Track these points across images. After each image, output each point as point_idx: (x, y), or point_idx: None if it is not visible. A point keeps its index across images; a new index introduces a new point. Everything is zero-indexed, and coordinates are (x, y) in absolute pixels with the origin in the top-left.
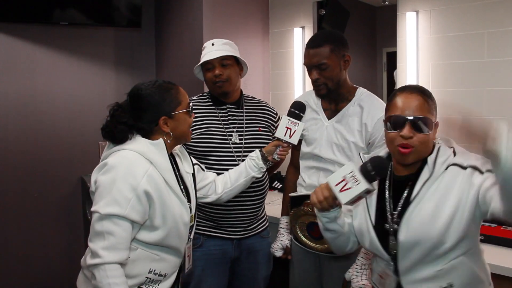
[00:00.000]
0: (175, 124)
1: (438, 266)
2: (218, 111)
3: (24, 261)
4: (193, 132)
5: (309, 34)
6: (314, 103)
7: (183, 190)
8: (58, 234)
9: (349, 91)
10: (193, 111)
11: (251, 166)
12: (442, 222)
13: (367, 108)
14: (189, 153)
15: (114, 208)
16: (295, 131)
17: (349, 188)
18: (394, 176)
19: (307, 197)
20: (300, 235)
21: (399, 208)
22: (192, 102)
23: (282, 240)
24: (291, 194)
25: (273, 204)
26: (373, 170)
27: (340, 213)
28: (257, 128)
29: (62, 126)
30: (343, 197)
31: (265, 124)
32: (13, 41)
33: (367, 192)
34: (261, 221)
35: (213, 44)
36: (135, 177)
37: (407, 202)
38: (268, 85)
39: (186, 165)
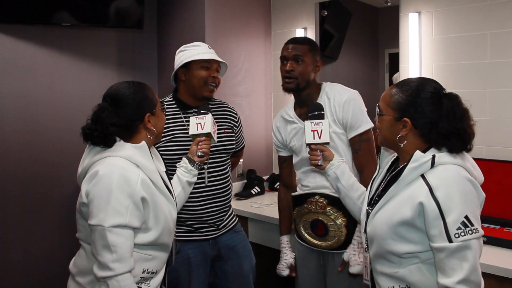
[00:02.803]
0: (156, 121)
1: (394, 268)
2: (184, 116)
3: (25, 261)
4: (162, 139)
5: (311, 35)
6: (289, 116)
7: (167, 187)
8: (59, 234)
9: (316, 89)
10: None
11: (182, 173)
12: (390, 227)
13: (331, 96)
14: None
15: (116, 218)
16: (322, 130)
17: (321, 130)
18: (396, 167)
19: (310, 195)
20: (304, 233)
21: (376, 198)
22: None
23: (286, 259)
24: (294, 194)
25: (275, 206)
26: (315, 111)
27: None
28: (222, 131)
29: (63, 127)
30: (325, 138)
31: (229, 125)
32: (15, 42)
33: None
34: (230, 217)
35: (209, 48)
36: (130, 185)
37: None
38: (270, 86)
39: (159, 164)
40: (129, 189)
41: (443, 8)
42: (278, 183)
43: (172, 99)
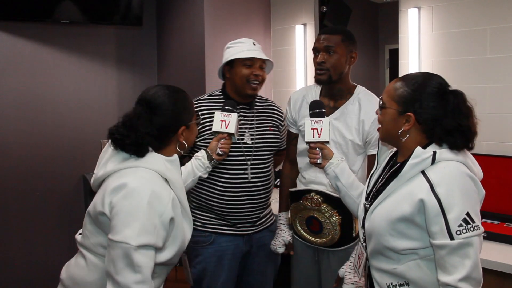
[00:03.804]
0: (188, 134)
1: (393, 265)
2: None
3: (26, 259)
4: (205, 133)
5: (310, 31)
6: (312, 99)
7: None
8: (59, 232)
9: (348, 89)
10: (205, 111)
11: (197, 167)
12: (388, 223)
13: (364, 107)
14: None
15: (146, 237)
16: (321, 128)
17: (321, 128)
18: (395, 162)
19: (306, 191)
20: (300, 229)
21: (374, 193)
22: (203, 102)
23: (284, 236)
24: (291, 189)
25: (276, 201)
26: (316, 109)
27: (328, 171)
28: (268, 128)
29: (63, 124)
30: (325, 137)
31: (274, 123)
32: (15, 39)
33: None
34: (268, 215)
35: (254, 44)
36: (161, 203)
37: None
38: (270, 83)
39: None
40: (161, 208)
41: (443, 3)
42: (279, 180)
43: (220, 93)
